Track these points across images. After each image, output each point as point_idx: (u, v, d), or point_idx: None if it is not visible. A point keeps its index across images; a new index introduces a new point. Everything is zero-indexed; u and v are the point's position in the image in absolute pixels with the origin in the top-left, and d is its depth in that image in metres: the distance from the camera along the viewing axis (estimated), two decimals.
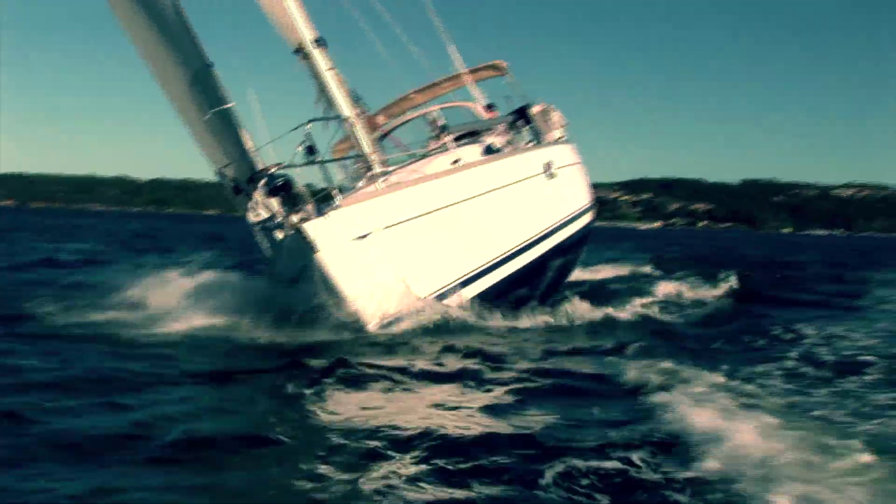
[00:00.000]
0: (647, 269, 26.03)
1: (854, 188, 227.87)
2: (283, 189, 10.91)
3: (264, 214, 12.05)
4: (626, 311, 13.79)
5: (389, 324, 11.24)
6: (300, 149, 11.28)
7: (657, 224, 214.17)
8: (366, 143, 14.39)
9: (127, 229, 62.66)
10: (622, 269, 25.09)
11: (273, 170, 11.00)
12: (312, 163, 11.47)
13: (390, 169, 13.48)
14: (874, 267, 36.42)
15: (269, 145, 12.13)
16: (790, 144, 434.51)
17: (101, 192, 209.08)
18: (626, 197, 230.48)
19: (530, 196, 14.54)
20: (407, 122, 18.44)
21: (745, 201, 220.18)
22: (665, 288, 17.66)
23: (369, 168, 14.14)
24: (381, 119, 18.52)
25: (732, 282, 19.43)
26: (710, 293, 18.16)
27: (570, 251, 16.98)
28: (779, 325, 13.34)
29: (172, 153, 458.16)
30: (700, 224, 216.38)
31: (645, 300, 15.34)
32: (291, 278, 12.10)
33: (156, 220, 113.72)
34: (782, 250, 60.12)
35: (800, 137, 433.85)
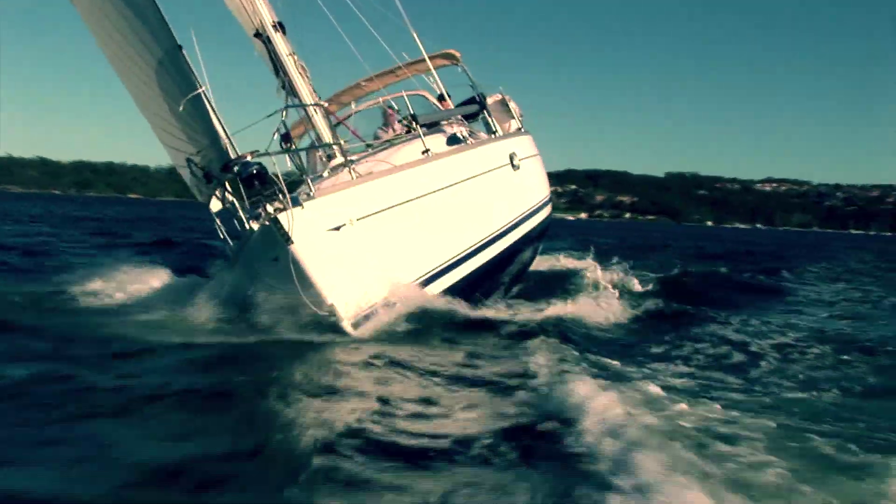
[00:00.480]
0: (590, 259, 26.26)
1: (774, 183, 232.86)
2: (257, 178, 10.59)
3: (227, 203, 11.82)
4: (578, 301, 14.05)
5: (365, 319, 10.99)
6: (276, 136, 10.95)
7: (583, 215, 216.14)
8: (327, 132, 14.21)
9: (76, 215, 60.97)
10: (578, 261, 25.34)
11: (248, 157, 10.62)
12: (289, 151, 11.17)
13: (356, 157, 13.26)
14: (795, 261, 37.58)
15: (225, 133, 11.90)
16: (713, 139, 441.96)
17: (21, 173, 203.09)
18: (553, 188, 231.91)
19: (499, 187, 14.51)
20: (362, 110, 18.18)
21: (668, 194, 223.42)
22: (613, 276, 17.86)
23: (329, 157, 13.91)
24: (332, 107, 18.24)
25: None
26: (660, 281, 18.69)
27: (534, 242, 17.03)
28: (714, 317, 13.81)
29: (96, 135, 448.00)
30: (625, 216, 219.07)
31: (596, 289, 15.58)
32: (260, 269, 11.79)
33: (91, 204, 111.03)
34: (721, 243, 61.29)
35: (722, 132, 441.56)
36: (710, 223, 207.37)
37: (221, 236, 13.62)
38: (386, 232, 11.54)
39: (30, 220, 43.87)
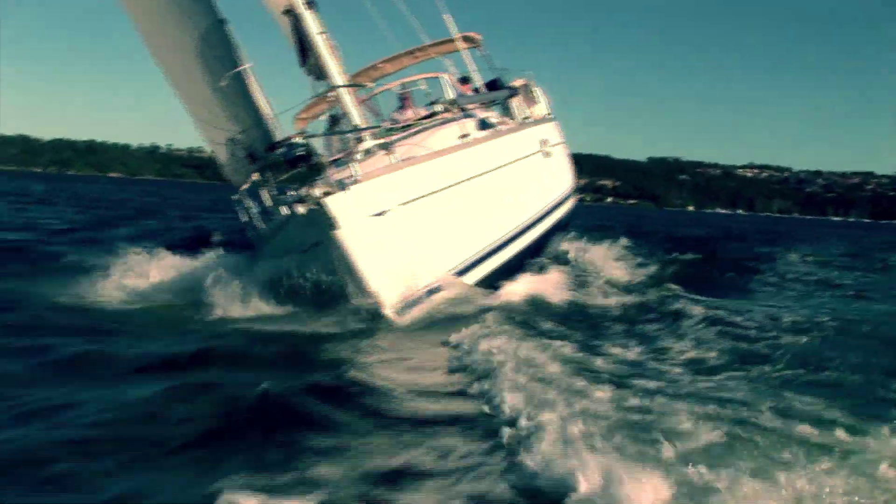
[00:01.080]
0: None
1: (755, 169, 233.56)
2: (302, 159, 10.40)
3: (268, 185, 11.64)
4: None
5: (407, 306, 10.83)
6: (324, 118, 10.75)
7: None
8: (357, 113, 13.96)
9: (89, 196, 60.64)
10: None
11: (296, 139, 10.40)
12: (336, 132, 10.96)
13: (394, 139, 13.00)
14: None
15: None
16: (696, 124, 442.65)
17: (1, 150, 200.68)
18: None
19: (533, 173, 14.43)
20: (386, 90, 17.91)
21: (650, 179, 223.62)
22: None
23: (359, 140, 13.68)
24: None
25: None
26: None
27: (563, 229, 16.95)
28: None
29: (76, 113, 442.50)
30: (607, 200, 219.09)
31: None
32: (301, 253, 11.57)
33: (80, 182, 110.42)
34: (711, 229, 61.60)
35: (705, 117, 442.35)
36: (691, 208, 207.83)
37: (245, 218, 13.41)
38: (428, 218, 11.36)
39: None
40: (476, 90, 17.50)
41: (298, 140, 10.49)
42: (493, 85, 17.68)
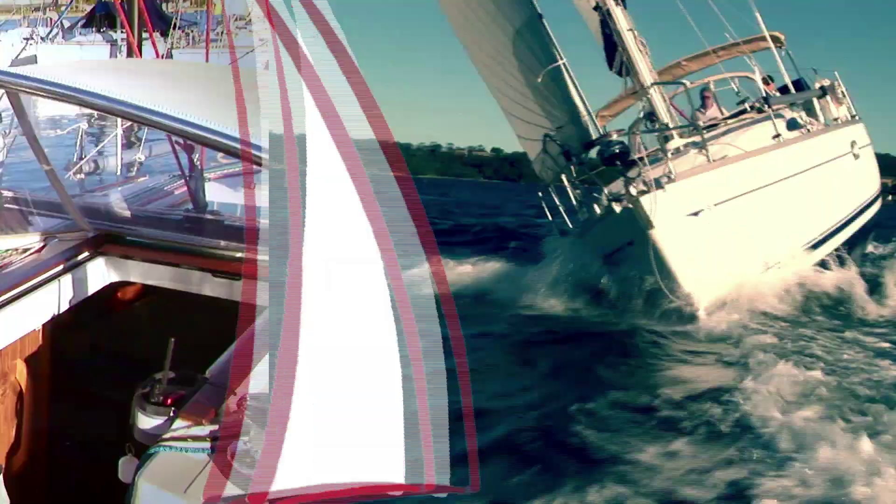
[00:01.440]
0: None
1: None
2: (619, 157, 10.48)
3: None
4: None
5: (719, 307, 10.69)
6: (641, 115, 10.79)
7: None
8: (665, 112, 13.78)
9: None
10: None
11: (613, 136, 10.49)
12: (653, 130, 10.95)
13: (706, 137, 12.74)
14: None
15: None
16: None
17: None
18: None
19: (843, 175, 13.91)
20: (692, 88, 17.57)
21: None
22: None
23: (666, 139, 13.51)
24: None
25: None
26: None
27: (869, 232, 16.26)
28: None
29: None
30: (888, 199, 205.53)
31: None
32: (607, 254, 11.66)
33: None
34: None
35: None
36: None
37: (550, 217, 13.48)
38: (741, 218, 11.15)
39: None
40: (780, 90, 16.90)
41: (615, 137, 10.55)
42: (797, 85, 17.00)
